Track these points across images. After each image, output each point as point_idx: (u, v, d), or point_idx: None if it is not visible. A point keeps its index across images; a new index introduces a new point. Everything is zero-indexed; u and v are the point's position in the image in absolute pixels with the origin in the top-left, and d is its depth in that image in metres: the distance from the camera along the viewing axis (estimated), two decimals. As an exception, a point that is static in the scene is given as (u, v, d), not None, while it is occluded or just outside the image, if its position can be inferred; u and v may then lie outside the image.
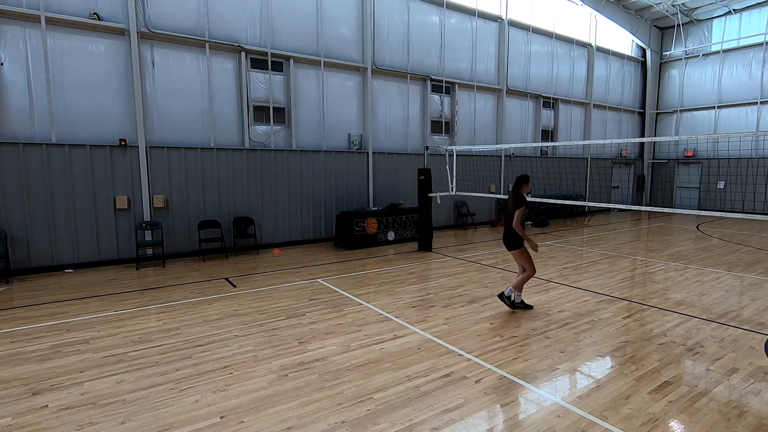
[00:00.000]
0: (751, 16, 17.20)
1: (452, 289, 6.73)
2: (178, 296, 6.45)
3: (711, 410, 3.32)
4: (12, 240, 7.68)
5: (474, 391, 3.61)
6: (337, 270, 8.17)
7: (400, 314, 5.55)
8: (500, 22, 14.39)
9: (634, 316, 5.51)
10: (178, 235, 9.27)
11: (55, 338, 4.83)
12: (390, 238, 11.01)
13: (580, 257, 9.27)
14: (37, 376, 3.93)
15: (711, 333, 4.90)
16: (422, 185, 10.00)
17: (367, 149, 11.84)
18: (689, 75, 19.17)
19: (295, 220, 10.83)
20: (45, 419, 3.24)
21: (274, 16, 10.17)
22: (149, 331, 5.00)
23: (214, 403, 3.44)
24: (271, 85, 10.30)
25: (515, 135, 15.39)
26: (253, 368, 4.04)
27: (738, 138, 16.20)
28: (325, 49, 10.95)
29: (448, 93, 13.53)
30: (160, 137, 9.05)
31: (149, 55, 8.84)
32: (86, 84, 8.25)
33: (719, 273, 7.76)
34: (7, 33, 7.58)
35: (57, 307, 6.00)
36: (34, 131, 7.87)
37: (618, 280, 7.34)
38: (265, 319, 5.42)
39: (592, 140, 15.70)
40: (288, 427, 3.12)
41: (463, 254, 9.61)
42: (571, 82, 17.07)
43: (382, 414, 3.28)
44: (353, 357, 4.28)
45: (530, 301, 6.10)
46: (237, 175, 9.90)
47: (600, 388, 3.66)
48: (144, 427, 3.13)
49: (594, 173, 18.12)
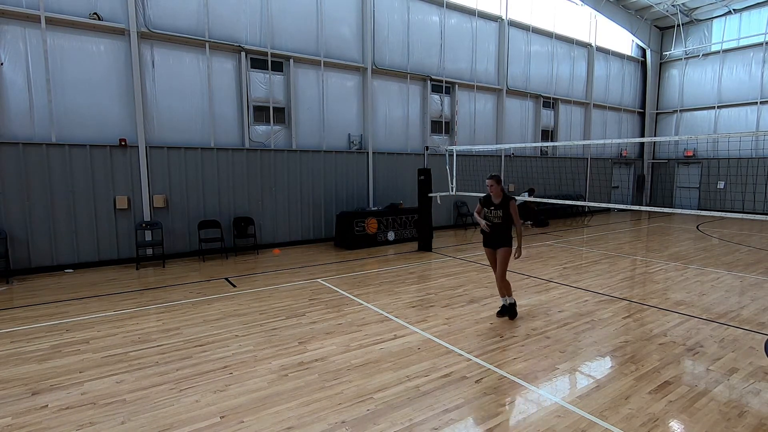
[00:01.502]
0: (751, 16, 17.20)
1: (452, 289, 6.73)
2: (178, 296, 6.44)
3: (711, 410, 3.32)
4: (12, 240, 7.68)
5: (474, 391, 3.61)
6: (337, 270, 8.17)
7: (400, 314, 5.55)
8: (500, 22, 14.39)
9: (634, 316, 5.51)
10: (178, 235, 9.27)
11: (55, 338, 4.83)
12: (390, 238, 11.01)
13: (580, 257, 9.27)
14: (37, 376, 3.93)
15: (711, 333, 4.90)
16: (422, 185, 10.00)
17: (367, 149, 11.84)
18: (689, 75, 19.17)
19: (295, 220, 10.83)
20: (45, 419, 3.24)
21: (274, 16, 10.17)
22: (149, 331, 5.00)
23: (214, 403, 3.44)
24: (271, 85, 10.30)
25: (515, 135, 15.39)
26: (253, 368, 4.04)
27: (738, 138, 16.19)
28: (325, 49, 10.95)
29: (448, 93, 13.53)
30: (160, 137, 9.05)
31: (149, 55, 8.84)
32: (86, 84, 8.25)
33: (719, 273, 7.76)
34: (7, 33, 7.58)
35: (57, 307, 6.00)
36: (34, 131, 7.87)
37: (618, 280, 7.34)
38: (265, 319, 5.41)
39: (592, 140, 15.69)
40: (288, 427, 3.12)
41: (463, 254, 9.61)
42: (571, 82, 17.07)
43: (382, 414, 3.28)
44: (353, 357, 4.28)
45: (530, 300, 6.10)
46: (237, 175, 9.90)
47: (600, 388, 3.66)
48: (144, 427, 3.13)
49: (594, 173, 18.12)
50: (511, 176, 15.30)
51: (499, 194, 5.22)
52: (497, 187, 5.21)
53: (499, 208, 5.18)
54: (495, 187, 5.21)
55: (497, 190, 5.22)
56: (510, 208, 5.15)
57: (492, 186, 5.23)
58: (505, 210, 5.17)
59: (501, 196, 5.22)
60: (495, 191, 5.22)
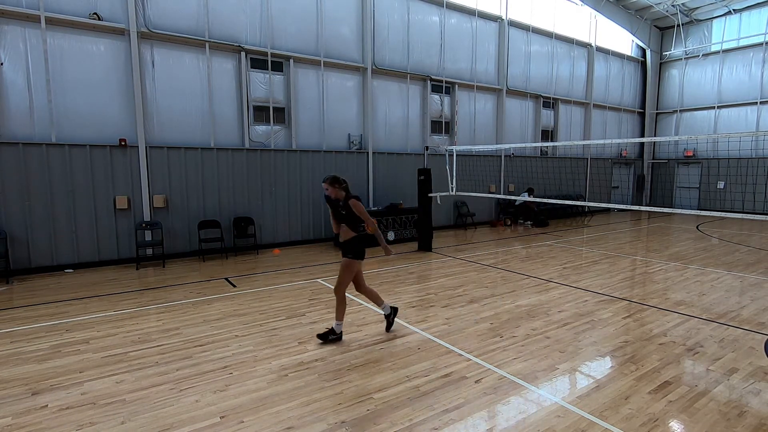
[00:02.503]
0: (751, 16, 17.20)
1: (452, 289, 6.73)
2: (178, 296, 6.44)
3: (711, 410, 3.32)
4: (12, 240, 7.68)
5: (474, 391, 3.61)
6: (337, 270, 8.15)
7: (400, 314, 5.55)
8: (500, 22, 14.39)
9: (634, 316, 5.51)
10: (178, 235, 9.27)
11: (55, 338, 4.83)
12: (390, 238, 11.01)
13: (580, 257, 9.27)
14: (37, 376, 3.93)
15: (711, 333, 4.90)
16: (422, 185, 10.00)
17: (367, 149, 11.84)
18: (689, 75, 19.17)
19: (295, 220, 10.83)
20: (45, 419, 3.23)
21: (274, 16, 10.17)
22: (149, 331, 5.00)
23: (214, 403, 3.44)
24: (271, 85, 10.30)
25: (515, 135, 15.39)
26: (253, 368, 4.04)
27: (738, 138, 16.20)
28: (325, 49, 10.95)
29: (448, 93, 13.53)
30: (160, 137, 9.05)
31: (149, 55, 8.84)
32: (86, 84, 8.24)
33: (719, 273, 7.76)
34: (7, 33, 7.58)
35: (57, 307, 6.00)
36: (34, 131, 7.87)
37: (618, 280, 7.34)
38: (264, 319, 5.42)
39: (592, 140, 15.72)
40: (288, 427, 3.12)
41: (463, 254, 9.61)
42: (571, 82, 17.07)
43: (382, 414, 3.28)
44: (353, 357, 4.28)
45: (529, 301, 6.10)
46: (237, 175, 9.90)
47: (600, 388, 3.66)
48: (144, 427, 3.13)
49: (594, 173, 18.12)
50: (512, 176, 15.30)
51: (339, 196, 4.64)
52: (334, 190, 4.60)
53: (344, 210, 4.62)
54: (331, 190, 4.60)
55: (335, 192, 4.61)
56: (353, 207, 4.55)
57: (328, 189, 4.62)
58: (348, 211, 4.59)
59: (343, 197, 4.64)
60: (333, 194, 4.62)
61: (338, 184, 4.64)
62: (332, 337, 4.68)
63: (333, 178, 4.65)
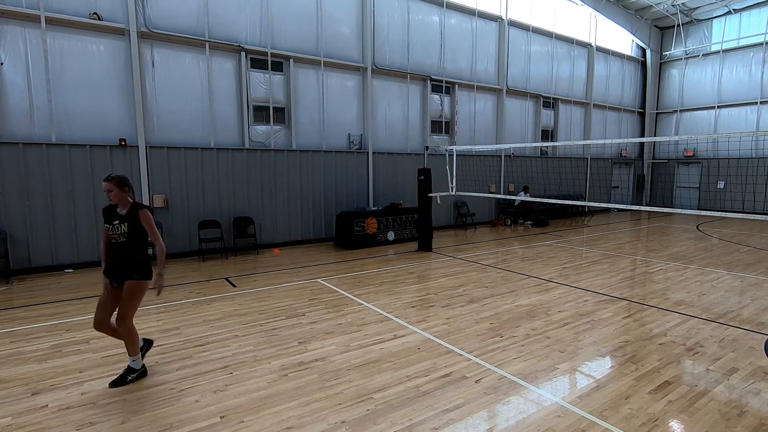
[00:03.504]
0: (751, 16, 17.20)
1: (452, 289, 6.73)
2: (178, 296, 6.44)
3: (711, 410, 3.32)
4: (12, 240, 7.68)
5: (474, 391, 3.61)
6: (336, 270, 8.17)
7: (400, 314, 5.55)
8: (500, 22, 14.39)
9: (634, 316, 5.51)
10: (178, 235, 9.27)
11: (55, 338, 4.83)
12: (390, 238, 11.01)
13: (580, 257, 9.27)
14: (37, 376, 3.93)
15: (711, 333, 4.90)
16: (422, 185, 10.00)
17: (367, 149, 11.83)
18: (689, 75, 19.17)
19: (295, 220, 10.83)
20: (45, 419, 3.23)
21: (274, 16, 10.17)
22: (149, 331, 4.99)
23: (214, 403, 3.44)
24: (271, 85, 10.29)
25: (515, 135, 15.39)
26: (253, 368, 4.04)
27: (738, 138, 16.20)
28: (325, 49, 10.95)
29: (448, 93, 13.53)
30: (160, 137, 9.05)
31: (149, 55, 8.84)
32: (86, 84, 8.24)
33: (719, 273, 7.76)
34: (7, 33, 7.58)
35: (57, 307, 6.00)
36: (33, 131, 7.87)
37: (618, 280, 7.34)
38: (265, 319, 5.41)
39: (592, 140, 15.68)
40: (288, 427, 3.12)
41: (463, 254, 9.61)
42: (571, 82, 17.07)
43: (382, 414, 3.28)
44: (353, 357, 4.28)
45: (529, 300, 6.10)
46: (237, 175, 9.90)
47: (600, 388, 3.66)
48: (144, 427, 3.13)
49: (594, 173, 18.13)
50: (511, 176, 15.30)
51: (125, 202, 3.74)
52: (119, 193, 3.68)
53: (125, 222, 3.69)
54: (116, 192, 3.67)
55: (120, 196, 3.69)
56: (141, 220, 3.70)
57: (111, 191, 3.66)
58: (133, 223, 3.70)
59: (128, 204, 3.75)
60: (117, 198, 3.68)
61: (127, 188, 3.75)
62: (131, 376, 3.78)
63: (121, 179, 3.72)
